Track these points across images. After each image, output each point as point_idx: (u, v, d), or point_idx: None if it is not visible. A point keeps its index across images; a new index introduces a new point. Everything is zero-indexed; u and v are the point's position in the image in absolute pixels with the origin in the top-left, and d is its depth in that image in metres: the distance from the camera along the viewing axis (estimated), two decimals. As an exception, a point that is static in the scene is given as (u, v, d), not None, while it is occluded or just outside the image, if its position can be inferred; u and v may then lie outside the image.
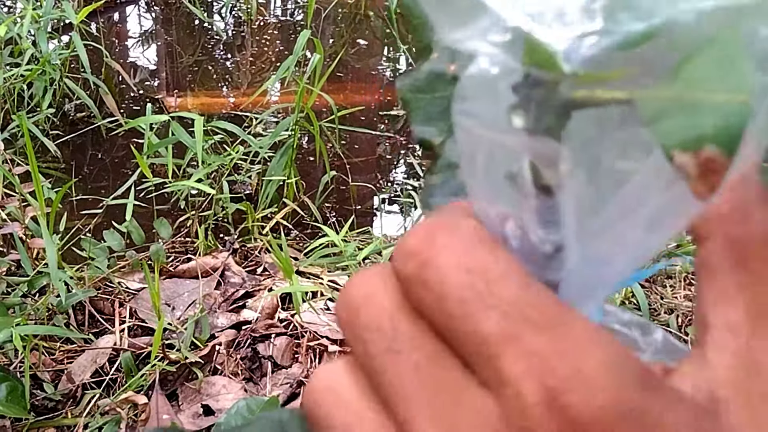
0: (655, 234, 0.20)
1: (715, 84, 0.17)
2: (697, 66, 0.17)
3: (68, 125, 2.25)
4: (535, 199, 0.20)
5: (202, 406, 1.26)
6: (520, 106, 0.19)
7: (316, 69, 1.92)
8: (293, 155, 1.87)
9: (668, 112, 0.17)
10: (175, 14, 3.30)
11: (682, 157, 0.17)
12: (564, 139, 0.19)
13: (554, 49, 0.18)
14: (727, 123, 0.16)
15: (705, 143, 0.16)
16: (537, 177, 0.20)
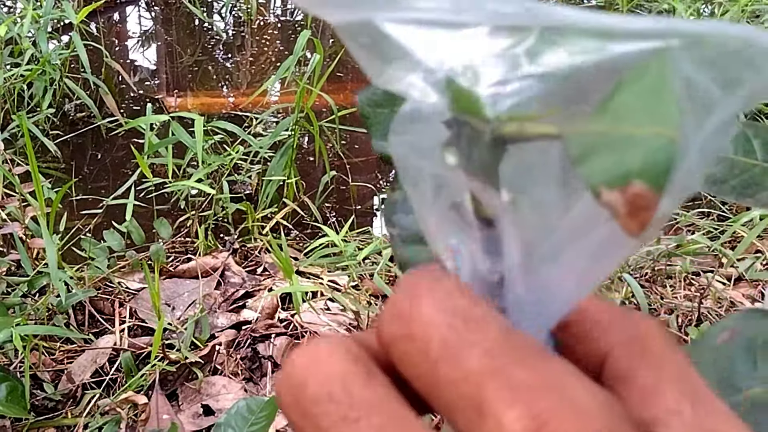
0: (600, 264, 0.20)
1: (642, 118, 0.16)
2: (624, 100, 0.16)
3: (68, 125, 2.25)
4: (478, 230, 0.20)
5: (202, 406, 1.26)
6: (453, 143, 0.19)
7: (315, 69, 1.92)
8: (293, 155, 1.87)
9: (595, 148, 0.16)
10: (175, 14, 3.30)
11: (609, 194, 0.16)
12: (501, 173, 0.19)
13: (477, 95, 0.18)
14: (655, 158, 0.16)
15: (632, 179, 0.16)
16: (479, 209, 0.20)
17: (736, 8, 2.75)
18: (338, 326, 1.43)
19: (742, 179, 0.41)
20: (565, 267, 0.20)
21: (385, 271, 1.58)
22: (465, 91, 0.18)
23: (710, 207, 1.86)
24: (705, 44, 0.16)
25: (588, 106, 0.17)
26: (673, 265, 1.61)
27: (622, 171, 0.16)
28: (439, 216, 0.21)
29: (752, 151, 0.42)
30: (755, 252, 1.65)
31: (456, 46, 0.18)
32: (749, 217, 1.65)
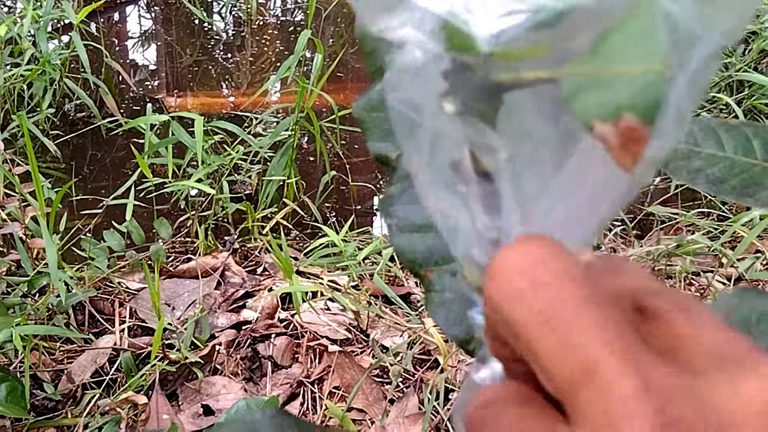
0: (598, 209, 0.20)
1: (631, 56, 0.17)
2: (614, 40, 0.17)
3: (68, 125, 2.25)
4: (477, 185, 0.21)
5: (202, 406, 1.26)
6: (451, 92, 0.20)
7: (317, 69, 1.91)
8: (293, 155, 1.87)
9: (588, 87, 0.17)
10: (175, 14, 3.30)
11: (602, 126, 0.17)
12: (498, 122, 0.20)
13: (472, 32, 0.18)
14: (644, 92, 0.17)
15: (623, 113, 0.17)
16: (477, 164, 0.20)
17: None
18: (338, 326, 1.43)
19: (742, 179, 0.41)
20: (564, 216, 0.20)
21: (385, 271, 1.58)
22: (460, 30, 0.18)
23: (710, 207, 1.86)
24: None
25: (580, 44, 0.18)
26: (673, 265, 1.61)
27: (614, 105, 0.17)
28: (434, 175, 0.21)
29: (752, 151, 0.42)
30: (755, 252, 1.64)
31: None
32: (749, 217, 1.65)
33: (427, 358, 1.35)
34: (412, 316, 1.45)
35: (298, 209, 1.85)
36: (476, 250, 0.22)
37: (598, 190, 0.20)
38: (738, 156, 0.41)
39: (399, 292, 1.51)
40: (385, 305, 1.48)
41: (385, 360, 1.32)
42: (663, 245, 1.61)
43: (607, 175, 0.19)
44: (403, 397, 1.27)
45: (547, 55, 0.18)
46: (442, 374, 1.27)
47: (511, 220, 0.21)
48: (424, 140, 0.21)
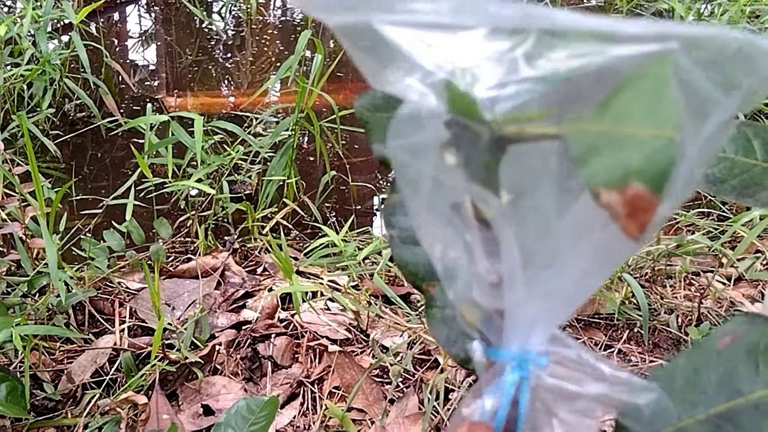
0: (599, 266, 0.20)
1: (642, 119, 0.16)
2: (624, 101, 0.16)
3: (68, 125, 2.25)
4: (478, 231, 0.20)
5: (202, 406, 1.26)
6: (453, 143, 0.19)
7: (317, 69, 1.91)
8: (293, 155, 1.87)
9: (595, 149, 0.16)
10: (175, 14, 3.30)
11: (608, 195, 0.16)
12: (501, 174, 0.19)
13: (475, 97, 0.17)
14: (655, 159, 0.16)
15: (631, 180, 0.16)
16: (478, 211, 0.20)
17: (736, 8, 2.75)
18: (338, 326, 1.43)
19: (742, 179, 0.41)
20: (564, 270, 0.20)
21: (385, 271, 1.58)
22: (463, 94, 0.18)
23: (710, 207, 1.86)
24: (703, 47, 0.16)
25: (587, 108, 0.17)
26: (673, 265, 1.61)
27: (622, 172, 0.16)
28: (433, 217, 0.21)
29: (752, 151, 0.42)
30: (755, 252, 1.64)
31: (454, 48, 0.18)
32: (749, 217, 1.65)
33: (427, 358, 1.35)
34: (412, 316, 1.45)
35: (298, 209, 1.85)
36: (476, 292, 0.21)
37: (599, 247, 0.19)
38: (738, 156, 0.41)
39: (399, 292, 1.51)
40: (385, 305, 1.48)
41: (385, 360, 1.32)
42: (663, 245, 1.61)
43: (608, 235, 0.18)
44: (403, 397, 1.27)
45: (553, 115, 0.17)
46: (442, 374, 1.27)
47: (511, 265, 0.20)
48: (424, 185, 0.20)
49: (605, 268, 0.20)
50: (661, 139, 0.16)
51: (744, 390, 0.28)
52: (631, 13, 3.06)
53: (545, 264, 0.20)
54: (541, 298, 0.21)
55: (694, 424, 0.28)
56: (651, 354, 1.40)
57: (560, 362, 0.23)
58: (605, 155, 0.16)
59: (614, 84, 0.16)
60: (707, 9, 3.06)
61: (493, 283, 0.21)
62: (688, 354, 0.30)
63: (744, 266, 1.59)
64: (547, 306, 0.21)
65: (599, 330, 1.47)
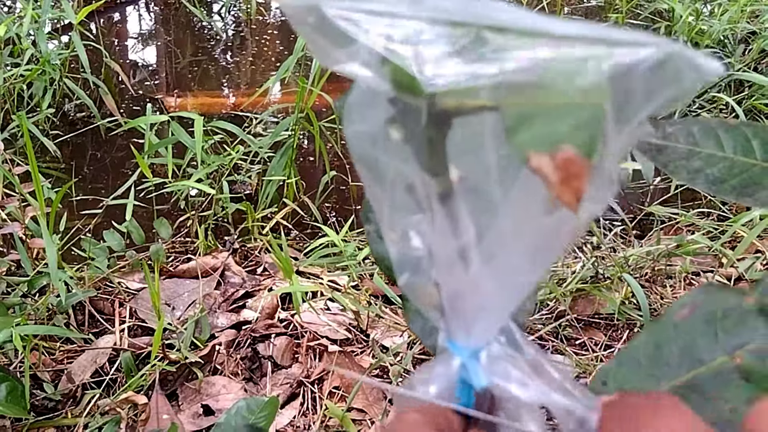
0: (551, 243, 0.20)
1: (574, 87, 0.16)
2: (558, 71, 0.16)
3: (68, 125, 2.25)
4: (433, 208, 0.20)
5: (202, 406, 1.26)
6: (398, 119, 0.19)
7: (317, 69, 1.91)
8: (293, 155, 1.87)
9: (528, 118, 0.16)
10: (175, 14, 3.30)
11: (539, 158, 0.16)
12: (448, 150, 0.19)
13: (414, 73, 0.18)
14: (584, 123, 0.16)
15: (561, 143, 0.16)
16: (431, 187, 0.20)
17: (736, 8, 2.75)
18: (338, 326, 1.43)
19: (742, 179, 0.41)
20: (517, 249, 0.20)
21: (385, 271, 1.58)
22: (401, 68, 0.18)
23: (710, 207, 1.86)
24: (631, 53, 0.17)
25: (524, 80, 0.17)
26: (673, 265, 1.61)
27: (552, 136, 0.16)
28: (393, 201, 0.21)
29: (752, 151, 0.42)
30: (755, 252, 1.65)
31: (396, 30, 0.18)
32: (749, 217, 1.65)
33: (427, 358, 1.35)
34: (412, 316, 1.45)
35: (298, 209, 1.85)
36: (435, 270, 0.22)
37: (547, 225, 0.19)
38: (738, 156, 0.41)
39: (399, 292, 1.51)
40: (385, 305, 1.48)
41: (385, 360, 1.32)
42: (663, 245, 1.61)
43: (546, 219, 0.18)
44: (403, 397, 1.27)
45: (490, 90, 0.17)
46: (442, 374, 1.27)
47: (467, 239, 0.20)
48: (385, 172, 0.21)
49: (541, 262, 0.20)
50: (590, 106, 0.16)
51: (705, 359, 0.28)
52: (631, 13, 3.06)
53: (484, 257, 0.20)
54: (479, 291, 0.21)
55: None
56: (651, 354, 1.40)
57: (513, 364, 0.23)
58: (537, 123, 0.16)
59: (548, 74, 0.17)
60: (707, 9, 3.06)
61: (450, 259, 0.21)
62: (648, 331, 0.31)
63: (744, 266, 1.59)
64: (487, 298, 0.21)
65: (599, 330, 1.47)
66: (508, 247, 0.20)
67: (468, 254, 0.21)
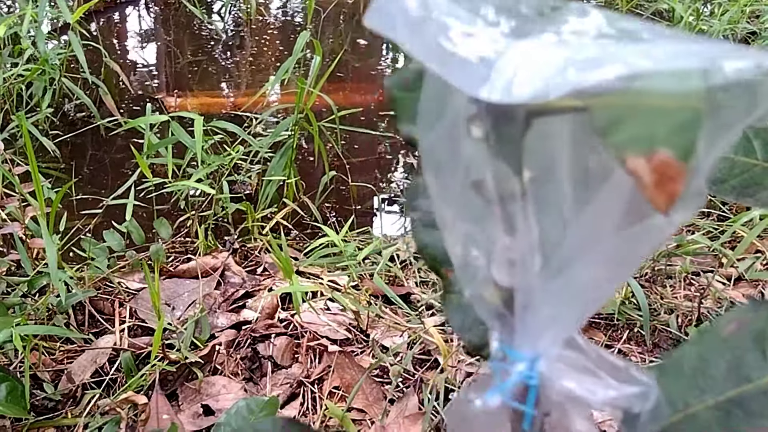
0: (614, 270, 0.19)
1: (668, 94, 0.16)
2: (649, 82, 0.16)
3: (68, 125, 2.25)
4: (498, 206, 0.20)
5: (202, 406, 1.26)
6: (479, 116, 0.19)
7: (315, 70, 1.91)
8: (292, 156, 1.87)
9: (621, 119, 0.16)
10: (175, 14, 3.30)
11: (635, 161, 0.16)
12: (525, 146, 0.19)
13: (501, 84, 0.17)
14: (682, 126, 0.16)
15: (658, 146, 0.16)
16: (500, 186, 0.20)
17: (736, 8, 2.75)
18: (338, 326, 1.43)
19: (742, 179, 0.41)
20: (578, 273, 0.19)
21: (385, 271, 1.58)
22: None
23: (710, 207, 1.86)
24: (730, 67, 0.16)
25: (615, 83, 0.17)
26: (673, 265, 1.61)
27: (649, 139, 0.16)
28: (458, 194, 0.21)
29: (752, 151, 0.42)
30: (755, 252, 1.65)
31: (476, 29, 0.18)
32: (749, 217, 1.65)
33: (427, 358, 1.35)
34: (412, 316, 1.45)
35: (298, 209, 1.85)
36: (494, 269, 0.21)
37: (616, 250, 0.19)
38: (738, 156, 0.41)
39: (399, 292, 1.51)
40: (385, 305, 1.48)
41: (385, 360, 1.32)
42: (663, 245, 1.61)
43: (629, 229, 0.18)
44: (403, 397, 1.27)
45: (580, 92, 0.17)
46: (442, 374, 1.27)
47: (528, 243, 0.20)
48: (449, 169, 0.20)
49: (619, 273, 0.20)
50: (687, 110, 0.16)
51: (752, 376, 0.28)
52: (631, 13, 3.06)
53: (558, 267, 0.20)
54: (552, 302, 0.21)
55: (703, 410, 0.28)
56: (651, 354, 1.40)
57: (573, 366, 0.23)
58: (631, 125, 0.16)
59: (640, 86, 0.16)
60: (707, 9, 3.06)
61: (511, 261, 0.21)
62: (695, 342, 0.30)
63: (744, 266, 1.59)
64: (558, 310, 0.21)
65: (599, 330, 1.47)
66: (584, 258, 0.19)
67: (540, 261, 0.20)
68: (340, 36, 3.20)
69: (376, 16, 0.19)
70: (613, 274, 0.20)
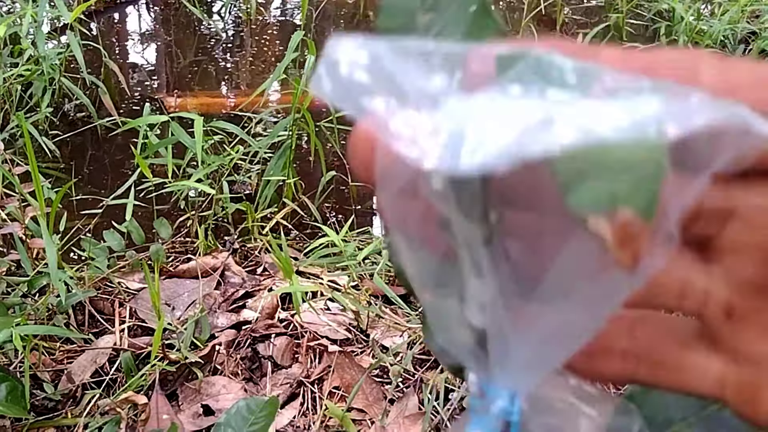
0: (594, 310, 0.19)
1: (631, 143, 0.15)
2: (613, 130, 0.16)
3: (68, 125, 2.25)
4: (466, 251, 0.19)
5: (202, 406, 1.26)
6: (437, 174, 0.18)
7: (308, 71, 1.91)
8: (291, 156, 1.87)
9: (583, 174, 0.16)
10: (175, 14, 3.30)
11: (597, 221, 0.15)
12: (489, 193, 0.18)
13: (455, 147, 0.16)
14: (643, 183, 0.15)
15: (619, 204, 0.15)
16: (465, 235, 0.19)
17: (736, 8, 2.75)
18: (338, 326, 1.43)
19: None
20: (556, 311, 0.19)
21: (385, 271, 1.58)
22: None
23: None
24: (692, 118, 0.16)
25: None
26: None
27: (609, 197, 0.15)
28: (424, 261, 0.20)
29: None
30: (755, 252, 1.64)
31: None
32: (749, 217, 1.65)
33: (427, 358, 1.35)
34: (412, 316, 1.45)
35: (297, 209, 1.85)
36: (466, 311, 0.21)
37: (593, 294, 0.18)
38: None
39: (399, 292, 1.51)
40: (385, 305, 1.48)
41: (385, 360, 1.32)
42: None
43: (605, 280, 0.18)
44: (403, 397, 1.27)
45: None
46: (442, 374, 1.27)
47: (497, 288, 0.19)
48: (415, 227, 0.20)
49: (597, 318, 0.19)
50: (650, 162, 0.15)
51: None
52: (631, 13, 3.06)
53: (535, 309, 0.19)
54: (529, 345, 0.20)
55: (686, 428, 0.28)
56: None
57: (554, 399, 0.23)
58: (594, 180, 0.15)
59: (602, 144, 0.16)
60: (707, 9, 3.06)
61: (482, 304, 0.20)
62: None
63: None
64: (536, 352, 0.20)
65: (599, 330, 1.47)
66: (560, 302, 0.19)
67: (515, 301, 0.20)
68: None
69: (321, 82, 0.18)
70: (590, 318, 0.19)
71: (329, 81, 0.18)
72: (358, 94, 0.18)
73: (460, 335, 0.21)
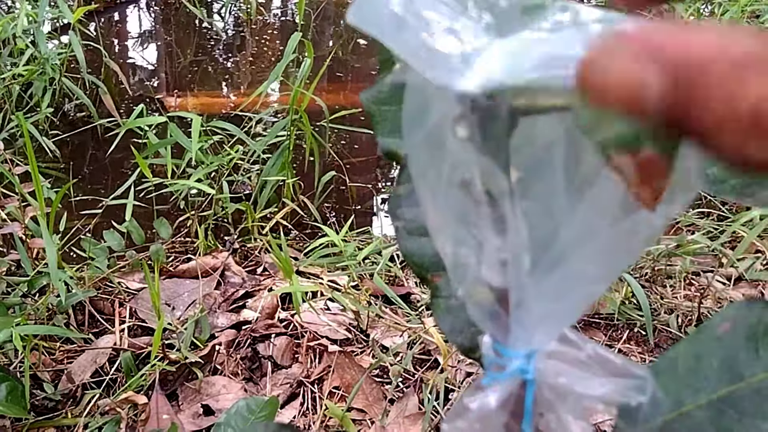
0: (606, 268, 0.19)
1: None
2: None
3: (68, 125, 2.25)
4: (487, 207, 0.20)
5: (202, 406, 1.26)
6: (464, 117, 0.19)
7: (305, 73, 1.91)
8: (289, 156, 1.87)
9: (606, 117, 0.16)
10: (175, 14, 3.30)
11: (620, 158, 0.16)
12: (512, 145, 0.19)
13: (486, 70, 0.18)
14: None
15: (643, 143, 0.16)
16: (488, 185, 0.20)
17: (736, 8, 2.75)
18: (338, 326, 1.43)
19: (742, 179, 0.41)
20: (570, 270, 0.20)
21: (385, 271, 1.58)
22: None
23: (710, 207, 1.86)
24: None
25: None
26: (673, 265, 1.61)
27: (633, 136, 0.16)
28: (446, 195, 0.21)
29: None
30: (755, 252, 1.64)
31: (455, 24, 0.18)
32: (749, 217, 1.65)
33: (427, 358, 1.35)
34: (412, 316, 1.45)
35: (297, 209, 1.85)
36: (486, 271, 0.21)
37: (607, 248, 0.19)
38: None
39: (399, 292, 1.51)
40: (385, 305, 1.48)
41: (385, 360, 1.32)
42: (663, 245, 1.61)
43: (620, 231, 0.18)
44: (403, 397, 1.27)
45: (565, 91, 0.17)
46: (442, 374, 1.27)
47: (517, 243, 0.20)
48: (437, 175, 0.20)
49: (613, 268, 0.20)
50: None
51: (745, 374, 0.28)
52: (632, 14, 3.06)
53: (551, 263, 0.20)
54: (546, 299, 0.21)
55: (696, 409, 0.28)
56: (651, 354, 1.40)
57: (567, 361, 0.23)
58: (616, 122, 0.16)
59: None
60: (707, 9, 3.06)
61: (501, 261, 0.21)
62: (689, 341, 0.30)
63: (744, 266, 1.59)
64: (552, 307, 0.21)
65: (599, 330, 1.47)
66: (577, 253, 0.19)
67: (531, 259, 0.20)
68: (341, 37, 3.20)
69: (358, 11, 0.19)
70: (606, 269, 0.20)
71: (366, 12, 0.19)
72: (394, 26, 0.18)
73: (478, 294, 0.22)
